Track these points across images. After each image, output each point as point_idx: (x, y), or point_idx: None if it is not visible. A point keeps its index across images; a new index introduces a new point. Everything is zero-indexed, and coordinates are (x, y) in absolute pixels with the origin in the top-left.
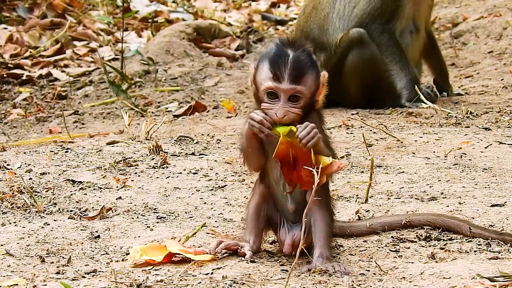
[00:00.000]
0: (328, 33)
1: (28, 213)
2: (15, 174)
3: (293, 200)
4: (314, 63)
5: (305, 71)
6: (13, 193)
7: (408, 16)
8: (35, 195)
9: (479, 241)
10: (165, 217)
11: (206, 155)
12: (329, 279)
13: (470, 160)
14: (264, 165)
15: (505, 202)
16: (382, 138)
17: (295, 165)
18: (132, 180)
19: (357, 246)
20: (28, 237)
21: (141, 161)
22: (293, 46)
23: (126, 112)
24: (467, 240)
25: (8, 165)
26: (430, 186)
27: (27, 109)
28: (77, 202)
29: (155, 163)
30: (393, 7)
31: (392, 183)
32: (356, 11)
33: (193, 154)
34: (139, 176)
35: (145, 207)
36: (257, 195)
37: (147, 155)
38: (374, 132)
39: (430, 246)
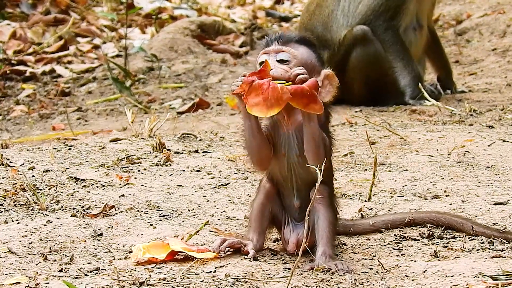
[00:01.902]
0: (332, 30)
1: (31, 210)
2: (17, 171)
3: (299, 196)
4: (312, 44)
5: (294, 38)
6: (15, 191)
7: (412, 13)
8: (38, 192)
9: (481, 240)
10: (168, 215)
11: (209, 152)
12: (331, 277)
13: (473, 158)
14: (271, 161)
15: (508, 200)
16: (385, 136)
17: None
18: (135, 178)
19: (360, 244)
20: (31, 235)
21: (144, 158)
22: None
23: (129, 109)
24: (469, 239)
25: (11, 162)
26: (433, 184)
27: (30, 106)
28: (80, 199)
29: (158, 161)
30: (397, 4)
31: (395, 181)
32: (360, 8)
33: (196, 151)
34: (142, 173)
35: (148, 205)
36: (262, 194)
37: (150, 152)
38: (378, 130)
39: (432, 244)
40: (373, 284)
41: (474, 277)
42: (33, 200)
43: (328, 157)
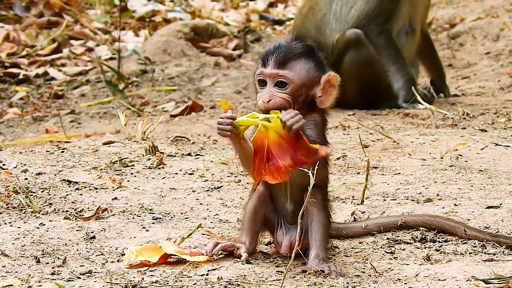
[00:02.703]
0: (325, 33)
1: (24, 213)
2: (10, 174)
3: (292, 199)
4: (310, 54)
5: (291, 57)
6: (8, 193)
7: (405, 17)
8: (31, 195)
9: (474, 243)
10: (160, 218)
11: (202, 155)
12: (324, 281)
13: (466, 161)
14: None
15: (501, 204)
16: (378, 139)
17: (269, 156)
18: (128, 181)
19: (352, 248)
20: (24, 237)
21: (137, 161)
22: (296, 40)
23: (122, 112)
24: (462, 242)
25: (3, 165)
26: (426, 188)
27: (23, 108)
28: (73, 202)
29: (151, 164)
30: (390, 8)
31: (388, 184)
32: (353, 12)
33: (189, 154)
34: (135, 176)
35: (140, 207)
36: (255, 197)
37: (143, 155)
38: (371, 133)
39: (425, 247)
40: (366, 287)
41: (466, 281)
42: (26, 202)
43: (324, 161)
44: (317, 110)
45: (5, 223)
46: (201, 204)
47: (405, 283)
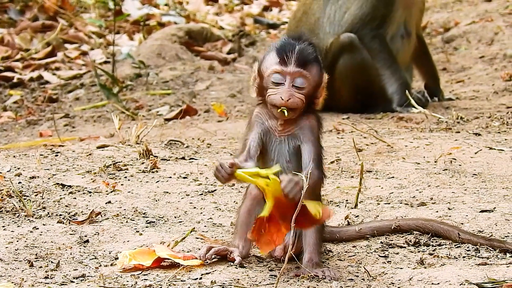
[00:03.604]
0: (318, 38)
1: (17, 217)
2: (4, 177)
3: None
4: (318, 58)
5: (310, 59)
6: (2, 197)
7: (399, 21)
8: (24, 199)
9: (468, 247)
10: (154, 222)
11: (196, 159)
12: (318, 285)
13: (460, 165)
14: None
15: (494, 207)
16: (372, 143)
17: (269, 216)
18: (121, 184)
19: (346, 251)
20: (17, 241)
21: (131, 165)
22: (300, 38)
23: (116, 116)
24: (456, 246)
25: None
26: (420, 192)
27: (17, 112)
28: (67, 206)
29: (145, 167)
30: (384, 12)
31: (382, 188)
32: (347, 17)
33: (183, 158)
34: (128, 180)
35: (134, 211)
36: (248, 200)
37: (137, 159)
38: (365, 137)
39: (419, 251)
40: None
41: (460, 285)
42: (19, 206)
43: (320, 168)
44: (312, 112)
45: None
46: (194, 208)
47: (398, 287)
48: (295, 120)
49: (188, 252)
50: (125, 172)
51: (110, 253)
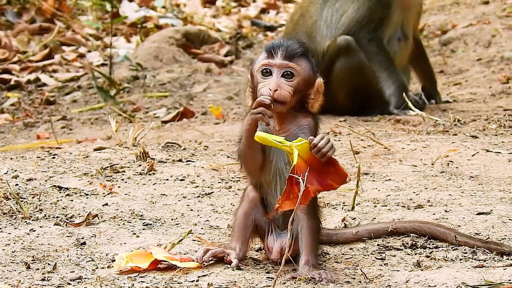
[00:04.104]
0: (315, 40)
1: (14, 219)
2: (1, 180)
3: None
4: (308, 54)
5: (298, 52)
6: None
7: (396, 24)
8: (21, 201)
9: (464, 249)
10: (151, 224)
11: (193, 161)
12: (314, 287)
13: (457, 168)
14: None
15: (491, 210)
16: (369, 146)
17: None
18: (118, 187)
19: (343, 254)
20: (14, 243)
21: (128, 167)
22: (290, 38)
23: (113, 118)
24: (452, 248)
25: None
26: (417, 194)
27: (14, 114)
28: (63, 208)
29: (142, 170)
30: (381, 15)
31: (378, 190)
32: (343, 19)
33: (180, 160)
34: (125, 182)
35: (131, 213)
36: (245, 203)
37: (134, 161)
38: (362, 140)
39: (416, 254)
40: None
41: (456, 287)
42: (16, 208)
43: None
44: (309, 114)
45: None
46: (191, 210)
47: None
48: (293, 120)
49: (185, 254)
50: (122, 174)
51: (107, 255)
